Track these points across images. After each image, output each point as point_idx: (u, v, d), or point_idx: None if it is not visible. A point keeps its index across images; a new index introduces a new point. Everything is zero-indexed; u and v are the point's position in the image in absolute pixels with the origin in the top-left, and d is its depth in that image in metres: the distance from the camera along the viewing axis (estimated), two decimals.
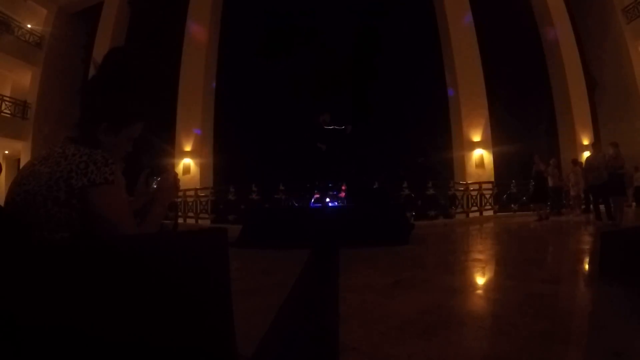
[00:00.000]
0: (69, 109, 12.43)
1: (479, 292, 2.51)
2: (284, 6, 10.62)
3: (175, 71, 11.08)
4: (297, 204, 6.83)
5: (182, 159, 10.73)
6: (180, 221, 9.60)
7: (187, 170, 10.67)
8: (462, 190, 9.53)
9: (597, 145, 7.23)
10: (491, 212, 9.62)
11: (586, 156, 8.01)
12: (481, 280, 2.93)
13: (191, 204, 10.04)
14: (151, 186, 1.37)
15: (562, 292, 2.42)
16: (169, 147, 10.84)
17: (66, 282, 0.73)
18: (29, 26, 13.52)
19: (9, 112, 12.64)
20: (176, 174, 1.33)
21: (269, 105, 10.17)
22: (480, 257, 3.84)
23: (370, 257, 3.86)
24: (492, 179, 10.06)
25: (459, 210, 9.28)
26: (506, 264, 3.63)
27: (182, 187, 8.09)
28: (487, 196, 9.72)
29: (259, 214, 5.97)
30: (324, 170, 6.35)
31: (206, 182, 10.64)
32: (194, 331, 0.87)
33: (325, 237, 4.79)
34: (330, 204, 6.10)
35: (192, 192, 9.99)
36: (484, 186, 9.74)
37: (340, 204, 6.15)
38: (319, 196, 6.30)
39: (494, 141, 10.39)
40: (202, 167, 10.78)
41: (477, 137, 10.24)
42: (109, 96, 1.06)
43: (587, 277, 2.86)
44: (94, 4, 13.27)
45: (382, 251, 4.17)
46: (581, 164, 8.39)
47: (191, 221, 9.75)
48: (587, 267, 3.18)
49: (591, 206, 7.71)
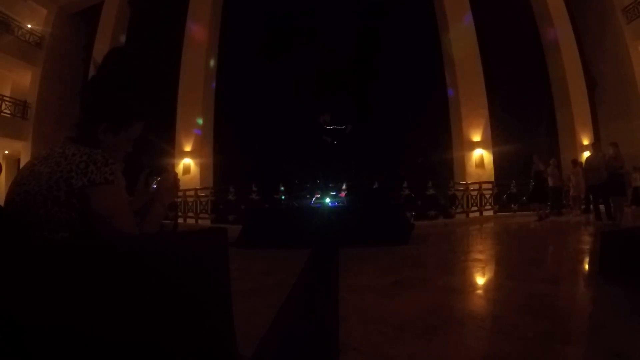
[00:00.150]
0: (69, 109, 12.43)
1: (479, 292, 2.51)
2: (284, 6, 10.62)
3: (175, 71, 11.08)
4: (297, 204, 6.83)
5: (182, 159, 10.73)
6: (180, 221, 9.60)
7: (187, 170, 10.66)
8: (462, 190, 9.53)
9: (597, 145, 7.22)
10: (491, 212, 9.62)
11: (586, 156, 8.01)
12: (481, 280, 2.93)
13: (191, 204, 10.03)
14: (151, 186, 1.36)
15: (562, 292, 2.42)
16: (169, 147, 10.84)
17: (66, 282, 0.73)
18: (29, 26, 13.51)
19: (9, 112, 12.63)
20: (176, 174, 1.33)
21: (269, 105, 10.17)
22: (480, 257, 3.83)
23: (370, 257, 3.86)
24: (492, 179, 10.06)
25: (459, 210, 9.28)
26: (506, 264, 3.64)
27: (182, 187, 8.08)
28: (487, 196, 9.72)
29: (259, 214, 5.97)
30: (324, 170, 6.36)
31: (206, 182, 10.64)
32: (194, 331, 0.87)
33: (325, 237, 4.79)
34: (330, 204, 6.10)
35: (192, 192, 9.99)
36: (484, 186, 9.74)
37: (340, 204, 6.15)
38: (319, 196, 6.31)
39: (494, 141, 10.39)
40: (202, 167, 10.78)
41: (477, 137, 10.24)
42: (109, 96, 1.07)
43: (587, 277, 2.86)
44: (94, 4, 13.26)
45: (382, 251, 4.17)
46: (581, 165, 8.39)
47: (191, 221, 9.75)
48: (587, 267, 3.18)
49: (591, 206, 7.71)
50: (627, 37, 11.90)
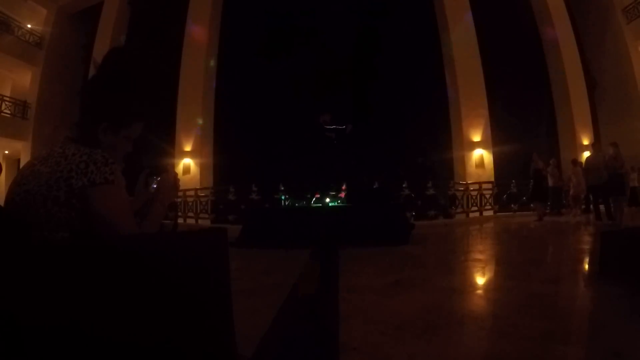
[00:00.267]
0: (69, 109, 12.43)
1: (479, 292, 2.51)
2: (284, 6, 10.62)
3: (175, 71, 11.07)
4: (297, 204, 6.82)
5: (182, 159, 10.73)
6: (180, 221, 9.60)
7: (187, 170, 10.66)
8: (462, 190, 9.53)
9: (597, 145, 7.23)
10: (491, 212, 9.62)
11: (586, 156, 8.01)
12: (481, 280, 2.93)
13: (191, 204, 10.04)
14: (151, 186, 1.36)
15: (562, 292, 2.42)
16: (169, 147, 10.84)
17: (66, 282, 0.73)
18: (29, 26, 13.51)
19: (9, 112, 12.64)
20: (176, 174, 1.33)
21: (269, 105, 10.16)
22: (480, 257, 3.84)
23: (370, 257, 3.86)
24: (492, 179, 10.06)
25: (459, 210, 9.28)
26: (506, 264, 3.63)
27: (182, 187, 8.08)
28: (487, 196, 9.72)
29: (259, 214, 5.97)
30: (324, 170, 6.36)
31: (206, 182, 10.64)
32: (194, 331, 0.87)
33: (325, 237, 4.79)
34: (330, 204, 6.10)
35: (192, 192, 9.99)
36: (484, 186, 9.74)
37: (340, 204, 6.15)
38: (319, 196, 6.30)
39: (494, 141, 10.38)
40: (202, 167, 10.78)
41: (477, 137, 10.24)
42: (109, 96, 1.06)
43: (587, 277, 2.86)
44: (94, 4, 13.26)
45: (382, 251, 4.17)
46: (581, 164, 8.38)
47: (191, 221, 9.75)
48: (587, 267, 3.18)
49: (591, 206, 7.71)
50: (627, 37, 11.91)
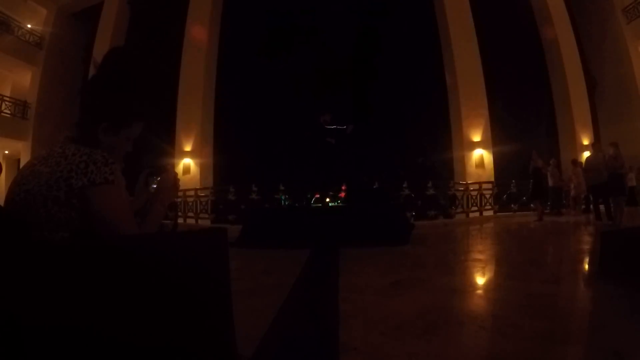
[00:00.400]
0: (69, 109, 12.43)
1: (479, 292, 2.51)
2: (284, 5, 10.62)
3: (175, 71, 11.07)
4: (297, 204, 6.82)
5: (182, 159, 10.73)
6: (180, 221, 9.60)
7: (187, 170, 10.66)
8: (462, 190, 9.53)
9: (597, 145, 7.22)
10: (491, 212, 9.62)
11: (586, 156, 8.01)
12: (481, 280, 2.93)
13: (191, 204, 10.03)
14: (151, 186, 1.36)
15: (562, 292, 2.42)
16: (169, 147, 10.84)
17: (66, 282, 0.73)
18: (29, 26, 13.51)
19: (9, 112, 12.64)
20: (176, 174, 1.33)
21: (269, 104, 10.17)
22: (480, 257, 3.84)
23: (370, 257, 3.86)
24: (492, 179, 10.06)
25: (459, 210, 9.28)
26: (506, 264, 3.63)
27: (182, 187, 8.09)
28: (487, 196, 9.72)
29: (259, 214, 5.97)
30: (324, 170, 6.35)
31: (206, 182, 10.64)
32: (194, 331, 0.87)
33: (325, 237, 4.78)
34: (330, 204, 6.10)
35: (192, 192, 9.99)
36: (484, 186, 9.74)
37: (340, 204, 6.15)
38: (319, 196, 6.30)
39: (494, 141, 10.38)
40: (202, 167, 10.78)
41: (477, 137, 10.24)
42: (109, 96, 1.06)
43: (587, 277, 2.86)
44: (94, 4, 13.26)
45: (382, 251, 4.17)
46: (581, 164, 8.39)
47: (191, 221, 9.75)
48: (587, 267, 3.18)
49: (591, 206, 7.71)
50: (627, 37, 11.91)
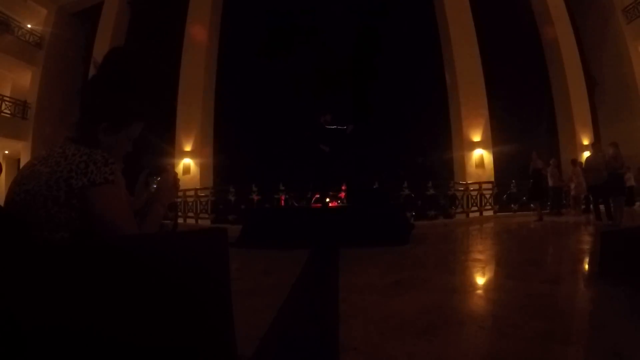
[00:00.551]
0: (69, 109, 12.43)
1: (479, 292, 2.51)
2: (284, 5, 10.63)
3: (175, 71, 11.07)
4: (297, 204, 6.83)
5: (182, 159, 10.73)
6: (180, 221, 9.60)
7: (187, 170, 10.66)
8: (462, 190, 9.53)
9: (597, 145, 7.22)
10: (491, 212, 9.62)
11: (586, 156, 8.01)
12: (481, 280, 2.93)
13: (191, 204, 10.03)
14: (151, 186, 1.36)
15: (562, 292, 2.42)
16: (169, 147, 10.84)
17: (66, 282, 0.73)
18: (29, 26, 13.51)
19: (9, 112, 12.64)
20: (176, 174, 1.33)
21: (269, 104, 10.17)
22: (480, 257, 3.83)
23: (370, 257, 3.86)
24: (492, 179, 10.06)
25: (459, 210, 9.28)
26: (506, 264, 3.63)
27: (182, 187, 8.09)
28: (487, 196, 9.72)
29: (259, 214, 5.97)
30: (324, 170, 6.35)
31: (206, 182, 10.64)
32: (194, 331, 0.87)
33: (325, 237, 4.79)
34: (330, 204, 6.10)
35: (192, 192, 9.99)
36: (484, 186, 9.74)
37: (340, 204, 6.15)
38: (319, 196, 6.30)
39: (494, 141, 10.38)
40: (202, 167, 10.78)
41: (477, 137, 10.24)
42: (109, 96, 1.06)
43: (587, 277, 2.86)
44: (94, 4, 13.26)
45: (382, 251, 4.17)
46: (581, 164, 8.39)
47: (191, 221, 9.75)
48: (587, 267, 3.18)
49: (591, 206, 7.71)
50: (627, 37, 11.91)
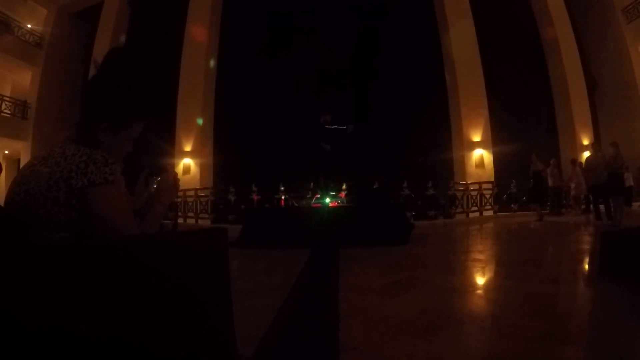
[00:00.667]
0: (69, 109, 12.43)
1: (479, 292, 2.51)
2: (284, 5, 10.63)
3: (175, 71, 11.08)
4: (297, 204, 6.83)
5: (182, 159, 10.73)
6: (180, 221, 9.60)
7: (187, 170, 10.66)
8: (462, 190, 9.53)
9: (597, 145, 7.22)
10: (491, 212, 9.62)
11: (586, 156, 8.01)
12: (481, 280, 2.93)
13: (191, 204, 10.03)
14: (151, 186, 1.36)
15: (562, 292, 2.42)
16: (169, 147, 10.84)
17: (66, 282, 0.73)
18: (29, 26, 13.51)
19: (9, 112, 12.64)
20: (176, 174, 1.33)
21: (269, 104, 10.17)
22: (480, 257, 3.84)
23: (370, 257, 3.86)
24: (492, 179, 10.07)
25: (459, 210, 9.28)
26: (506, 264, 3.63)
27: (182, 187, 8.08)
28: (487, 196, 9.72)
29: (259, 214, 5.97)
30: (324, 170, 6.35)
31: (206, 182, 10.64)
32: (194, 331, 0.87)
33: (325, 237, 4.78)
34: (330, 204, 6.09)
35: (192, 192, 9.99)
36: (484, 186, 9.74)
37: (340, 204, 6.14)
38: (319, 196, 6.30)
39: (494, 141, 10.39)
40: (202, 167, 10.78)
41: (477, 137, 10.24)
42: (110, 96, 1.06)
43: (587, 277, 2.86)
44: (94, 4, 13.26)
45: (382, 251, 4.17)
46: (580, 164, 8.39)
47: (191, 221, 9.75)
48: (587, 267, 3.18)
49: (591, 206, 7.71)
50: (627, 37, 11.91)
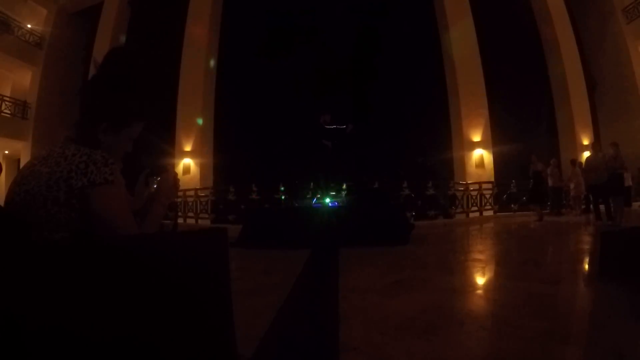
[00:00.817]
0: (69, 109, 12.42)
1: (479, 292, 2.51)
2: (285, 5, 10.63)
3: (175, 71, 11.08)
4: (297, 204, 6.83)
5: (182, 159, 10.73)
6: (180, 221, 9.59)
7: (187, 170, 10.66)
8: (462, 190, 9.52)
9: (597, 145, 7.22)
10: (491, 212, 9.61)
11: (586, 156, 8.01)
12: (481, 280, 2.93)
13: (191, 204, 10.03)
14: (151, 186, 1.36)
15: (562, 292, 2.42)
16: (169, 147, 10.84)
17: (66, 282, 0.73)
18: (29, 26, 13.51)
19: (9, 112, 12.64)
20: (176, 174, 1.33)
21: (269, 104, 10.17)
22: (480, 257, 3.83)
23: (370, 257, 3.86)
24: (492, 179, 10.06)
25: (459, 210, 9.28)
26: (506, 264, 3.63)
27: (182, 187, 8.08)
28: (487, 196, 9.72)
29: (259, 214, 5.97)
30: (324, 170, 6.36)
31: (206, 182, 10.64)
32: (194, 331, 0.87)
33: (325, 237, 4.78)
34: (330, 204, 6.10)
35: (192, 192, 9.99)
36: (484, 186, 9.74)
37: (340, 204, 6.15)
38: (319, 196, 6.31)
39: (494, 141, 10.39)
40: (202, 167, 10.78)
41: (477, 137, 10.24)
42: (110, 96, 1.06)
43: (587, 277, 2.86)
44: (94, 4, 13.26)
45: (382, 251, 4.17)
46: (580, 164, 8.39)
47: (191, 221, 9.74)
48: (587, 267, 3.18)
49: (591, 206, 7.71)
50: (627, 37, 11.91)
